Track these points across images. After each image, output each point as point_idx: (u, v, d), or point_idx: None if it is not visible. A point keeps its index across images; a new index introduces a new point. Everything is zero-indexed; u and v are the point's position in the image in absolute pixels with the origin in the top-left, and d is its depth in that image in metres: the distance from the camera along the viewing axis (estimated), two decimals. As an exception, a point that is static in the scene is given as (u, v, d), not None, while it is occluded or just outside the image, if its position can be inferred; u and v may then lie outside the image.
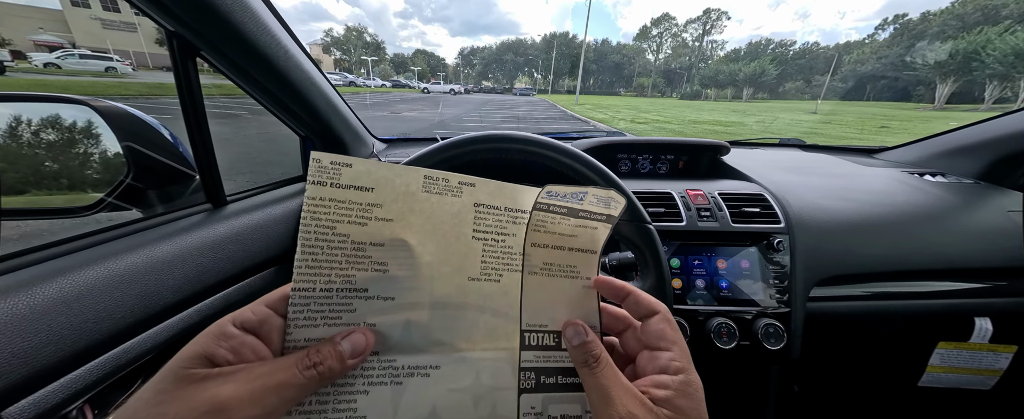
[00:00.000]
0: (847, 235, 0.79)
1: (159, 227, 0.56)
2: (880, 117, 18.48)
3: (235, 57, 0.55)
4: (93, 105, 0.57)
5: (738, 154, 1.13)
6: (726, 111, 23.38)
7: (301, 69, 0.67)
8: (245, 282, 0.65)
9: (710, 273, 0.77)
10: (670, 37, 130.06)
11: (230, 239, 0.62)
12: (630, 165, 1.13)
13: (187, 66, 0.53)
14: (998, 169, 0.98)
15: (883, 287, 0.79)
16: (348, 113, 0.93)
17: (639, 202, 0.51)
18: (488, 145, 0.52)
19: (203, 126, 0.58)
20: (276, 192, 0.82)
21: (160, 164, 0.65)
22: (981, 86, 39.24)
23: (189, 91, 0.55)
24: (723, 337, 0.72)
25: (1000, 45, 35.82)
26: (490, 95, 54.35)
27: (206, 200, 0.65)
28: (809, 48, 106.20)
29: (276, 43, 0.58)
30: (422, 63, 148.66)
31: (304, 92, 0.70)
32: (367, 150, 1.10)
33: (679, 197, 0.83)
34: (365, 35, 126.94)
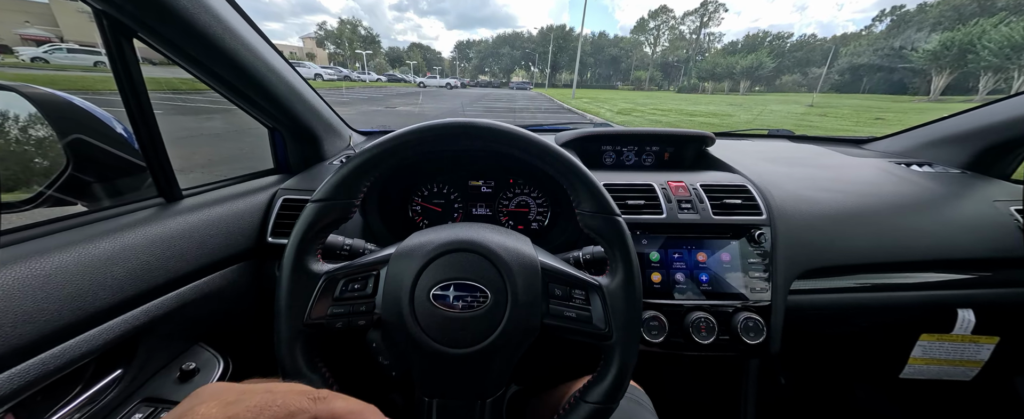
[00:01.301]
0: (830, 226, 0.77)
1: (99, 223, 0.53)
2: (875, 109, 18.52)
3: (176, 39, 0.52)
4: (24, 92, 0.53)
5: (726, 145, 1.11)
6: (722, 104, 23.33)
7: (256, 55, 0.63)
8: (202, 281, 0.62)
9: (690, 266, 0.75)
10: (668, 30, 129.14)
11: (183, 235, 0.59)
12: (614, 157, 1.10)
13: (123, 49, 0.50)
14: (984, 158, 0.96)
15: (866, 279, 0.77)
16: (319, 104, 0.90)
17: (608, 193, 0.48)
18: (438, 143, 0.47)
19: (148, 114, 0.55)
20: (240, 186, 0.79)
21: (106, 156, 0.61)
22: (976, 78, 39.37)
23: (127, 76, 0.51)
24: (702, 332, 0.70)
25: (995, 37, 35.89)
26: (487, 89, 53.96)
27: (157, 194, 0.62)
28: (806, 40, 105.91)
29: (221, 24, 0.54)
30: (418, 57, 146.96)
31: (262, 80, 0.67)
32: (343, 143, 1.06)
33: (660, 189, 0.81)
34: (359, 28, 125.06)
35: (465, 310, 0.44)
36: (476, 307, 0.44)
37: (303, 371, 0.44)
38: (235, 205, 0.71)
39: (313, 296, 0.45)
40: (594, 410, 0.45)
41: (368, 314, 0.46)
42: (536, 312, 0.46)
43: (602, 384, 0.46)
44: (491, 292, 0.44)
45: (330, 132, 0.97)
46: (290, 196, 0.78)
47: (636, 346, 0.46)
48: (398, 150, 0.47)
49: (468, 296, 0.44)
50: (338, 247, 0.60)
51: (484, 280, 0.45)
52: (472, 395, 0.46)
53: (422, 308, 0.44)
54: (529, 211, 0.95)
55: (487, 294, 0.44)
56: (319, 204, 0.46)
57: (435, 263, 0.46)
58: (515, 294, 0.44)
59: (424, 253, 0.46)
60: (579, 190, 0.48)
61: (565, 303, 0.47)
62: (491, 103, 17.36)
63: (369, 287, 0.47)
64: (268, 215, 0.76)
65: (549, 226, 0.94)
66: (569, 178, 0.48)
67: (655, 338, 0.70)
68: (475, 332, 0.44)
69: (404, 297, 0.44)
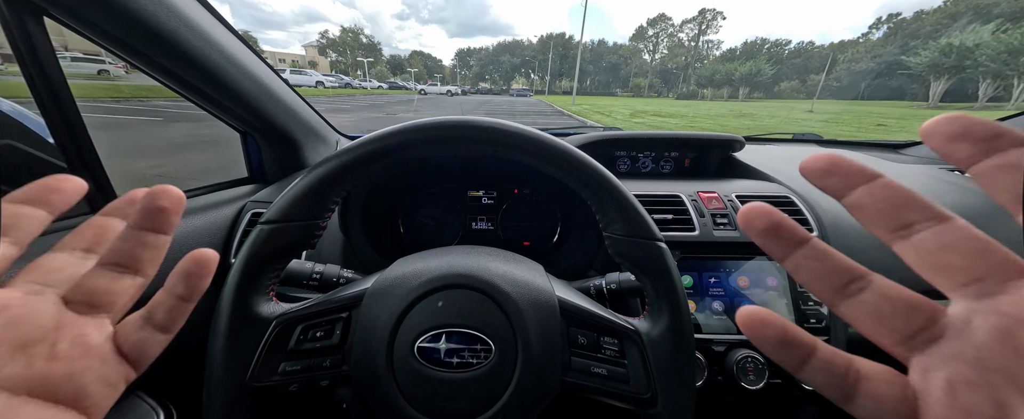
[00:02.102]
0: None
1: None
2: (876, 115, 18.51)
3: (101, 22, 0.41)
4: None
5: (750, 150, 0.99)
6: (723, 110, 23.36)
7: (210, 43, 0.52)
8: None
9: (730, 293, 0.64)
10: (666, 37, 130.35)
11: None
12: (629, 164, 0.99)
13: (27, 30, 0.39)
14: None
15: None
16: (298, 104, 0.79)
17: (646, 212, 0.37)
18: (430, 146, 0.36)
19: (70, 112, 0.44)
20: (201, 199, 0.67)
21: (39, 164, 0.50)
22: (974, 84, 39.48)
23: (37, 65, 0.40)
24: (749, 374, 0.58)
25: (992, 43, 36.10)
26: (487, 96, 54.29)
27: (88, 210, 0.51)
28: (804, 47, 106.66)
29: (161, 6, 0.43)
30: (419, 65, 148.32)
31: (219, 74, 0.56)
32: (328, 148, 0.95)
33: (689, 201, 0.69)
34: (361, 37, 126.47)
35: (461, 369, 0.33)
36: (476, 365, 0.33)
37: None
38: (194, 221, 0.60)
39: (259, 349, 0.34)
40: None
41: (333, 370, 0.35)
42: (554, 368, 0.34)
43: None
44: (496, 344, 0.33)
45: (311, 136, 0.86)
46: (259, 209, 0.67)
47: (691, 415, 0.35)
48: (375, 158, 0.36)
49: (465, 350, 0.33)
50: (306, 276, 0.48)
51: (486, 327, 0.34)
52: None
53: (403, 365, 0.33)
54: (537, 226, 0.84)
55: (491, 347, 0.33)
56: (272, 226, 0.35)
57: (422, 304, 0.35)
58: (528, 347, 0.33)
59: (408, 290, 0.35)
60: (609, 207, 0.37)
61: (592, 355, 0.36)
62: (492, 109, 17.36)
63: (336, 335, 0.36)
64: (233, 232, 0.65)
65: (559, 242, 0.83)
66: (597, 192, 0.37)
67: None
68: (474, 399, 0.33)
69: (380, 349, 0.33)
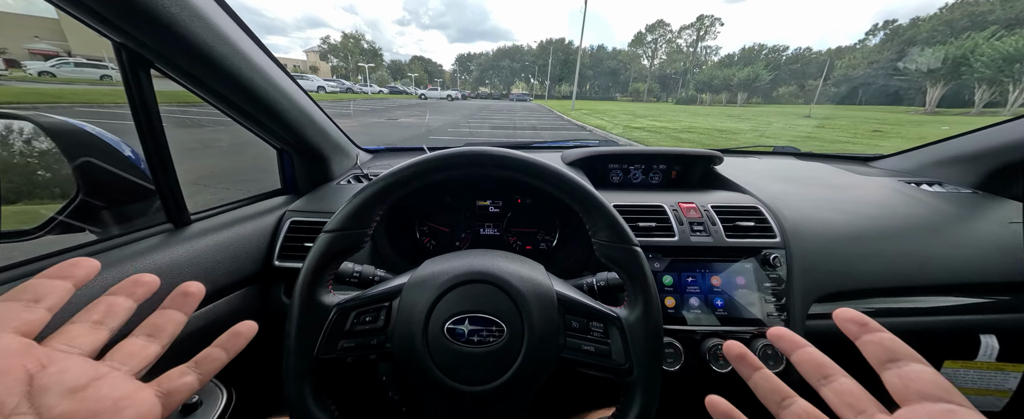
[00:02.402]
0: (846, 249, 0.75)
1: (113, 250, 0.52)
2: (873, 121, 18.68)
3: (191, 69, 0.52)
4: (38, 121, 0.53)
5: (732, 163, 1.10)
6: (721, 116, 23.57)
7: (269, 80, 0.63)
8: (209, 307, 0.61)
9: (705, 290, 0.74)
10: (665, 43, 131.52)
11: (191, 262, 0.58)
12: (621, 175, 1.10)
13: (139, 78, 0.50)
14: (996, 179, 0.95)
15: (885, 303, 0.76)
16: (327, 124, 0.90)
17: (624, 221, 0.47)
18: (454, 171, 0.47)
19: (160, 141, 0.55)
20: (247, 208, 0.78)
21: (116, 181, 0.61)
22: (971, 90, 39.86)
23: (143, 105, 0.51)
24: (719, 359, 0.68)
25: (987, 50, 36.49)
26: (487, 101, 54.59)
27: (167, 219, 0.61)
28: (802, 53, 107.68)
29: (237, 54, 0.54)
30: (419, 69, 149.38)
31: (274, 105, 0.67)
32: (350, 162, 1.06)
33: (671, 210, 0.80)
34: (362, 42, 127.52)
35: (480, 345, 0.42)
36: (491, 342, 0.42)
37: (310, 410, 0.42)
38: (242, 229, 0.70)
39: (323, 330, 0.44)
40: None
41: (379, 348, 0.45)
42: (553, 346, 0.44)
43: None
44: (507, 326, 0.43)
45: (337, 152, 0.97)
46: (298, 218, 0.78)
47: (658, 383, 0.45)
48: (413, 179, 0.46)
49: (483, 330, 0.43)
50: (348, 274, 0.59)
51: (500, 313, 0.43)
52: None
53: (436, 343, 0.43)
54: (537, 231, 0.94)
55: (503, 328, 0.43)
56: (333, 234, 0.45)
57: (449, 295, 0.45)
58: (531, 328, 0.43)
59: (437, 284, 0.45)
60: (596, 219, 0.47)
61: (583, 336, 0.46)
62: (491, 114, 17.53)
63: (381, 319, 0.46)
64: (275, 238, 0.75)
65: (558, 247, 0.93)
66: (585, 206, 0.47)
67: (671, 366, 0.68)
68: (491, 368, 0.42)
69: (417, 331, 0.43)
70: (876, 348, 0.26)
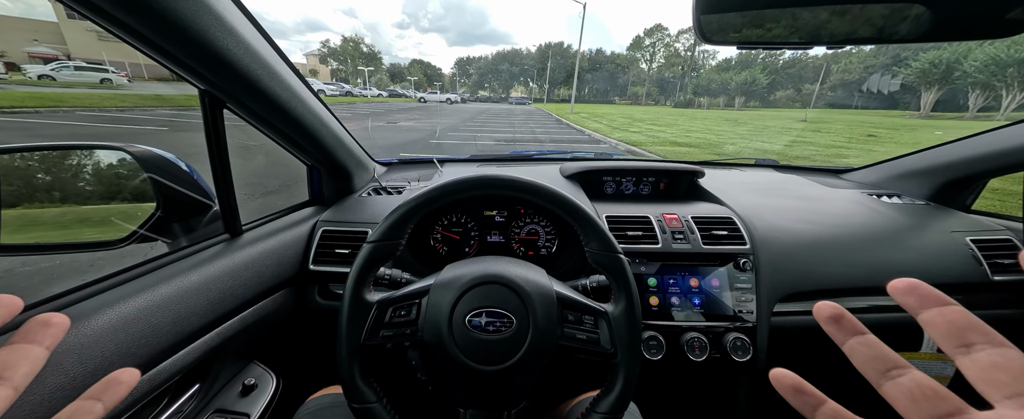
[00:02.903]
0: (808, 255, 0.87)
1: (186, 258, 0.63)
2: (868, 125, 18.91)
3: (254, 106, 0.63)
4: (128, 150, 0.64)
5: (716, 175, 1.22)
6: (718, 120, 23.77)
7: (311, 111, 0.74)
8: (259, 305, 0.71)
9: (685, 290, 0.85)
10: (663, 47, 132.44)
11: (246, 266, 0.69)
12: (615, 187, 1.21)
13: (216, 117, 0.61)
14: (945, 192, 1.07)
15: (843, 302, 0.87)
16: (352, 143, 1.01)
17: (610, 233, 0.58)
18: (475, 192, 0.58)
19: (226, 167, 0.66)
20: (286, 218, 0.89)
21: (182, 197, 0.72)
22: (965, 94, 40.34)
23: (216, 137, 0.62)
24: (695, 350, 0.79)
25: (979, 55, 36.98)
26: (486, 104, 54.77)
27: (224, 230, 0.72)
28: (798, 58, 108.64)
29: (288, 90, 0.65)
30: (418, 73, 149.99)
31: (313, 130, 0.78)
32: (369, 175, 1.17)
33: (656, 221, 0.91)
34: (362, 45, 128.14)
35: (494, 334, 0.53)
36: (503, 331, 0.53)
37: (359, 385, 0.53)
38: (284, 237, 0.81)
39: (368, 321, 0.55)
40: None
41: (412, 336, 0.55)
42: (553, 335, 0.55)
43: (610, 397, 0.54)
44: (516, 319, 0.54)
45: (359, 167, 1.08)
46: (329, 227, 0.88)
47: (638, 364, 0.55)
48: (440, 198, 0.58)
49: (497, 322, 0.53)
50: (380, 277, 0.70)
51: (510, 308, 0.54)
52: (499, 406, 0.55)
53: (459, 332, 0.53)
54: (539, 238, 1.05)
55: (512, 320, 0.53)
56: (375, 244, 0.56)
57: (469, 293, 0.55)
58: (535, 320, 0.54)
59: (460, 285, 0.56)
60: (589, 232, 0.58)
61: (577, 327, 0.56)
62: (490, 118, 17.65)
63: (413, 313, 0.56)
64: (310, 245, 0.86)
65: (557, 253, 1.04)
66: (579, 221, 0.58)
67: (654, 356, 0.79)
68: (503, 352, 0.53)
69: (444, 322, 0.54)
70: (944, 326, 0.21)
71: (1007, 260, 0.87)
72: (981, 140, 0.98)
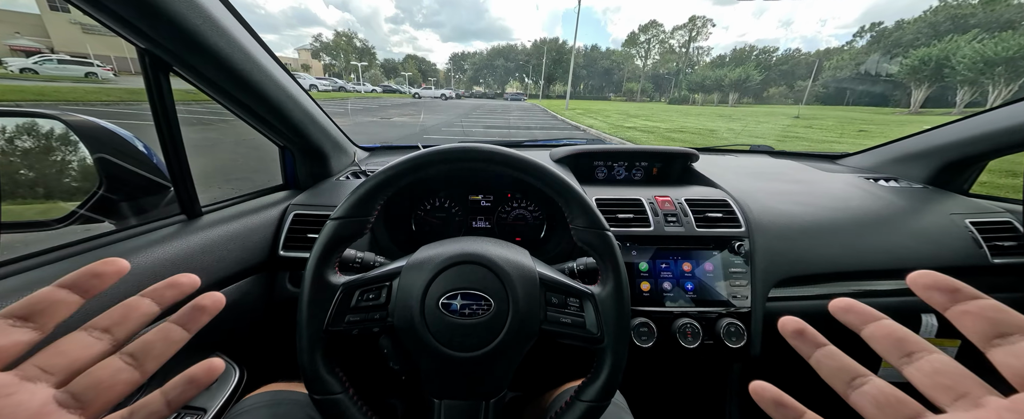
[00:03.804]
0: (804, 238, 0.83)
1: (132, 239, 0.57)
2: (859, 121, 19.11)
3: (207, 72, 0.57)
4: (65, 120, 0.58)
5: (710, 161, 1.18)
6: (712, 116, 23.89)
7: (276, 83, 0.69)
8: (224, 291, 0.66)
9: (677, 275, 0.81)
10: (658, 43, 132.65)
11: (205, 250, 0.63)
12: (606, 172, 1.17)
13: (160, 81, 0.55)
14: (943, 175, 1.04)
15: (838, 287, 0.84)
16: (327, 124, 0.95)
17: (598, 209, 0.54)
18: (446, 165, 0.53)
19: (176, 138, 0.60)
20: (253, 202, 0.83)
21: (133, 176, 0.66)
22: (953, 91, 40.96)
23: (162, 105, 0.56)
24: (688, 337, 0.75)
25: (968, 52, 37.53)
26: (481, 100, 54.52)
27: (180, 211, 0.66)
28: (791, 54, 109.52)
29: (248, 59, 0.60)
30: (413, 68, 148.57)
31: (280, 105, 0.72)
32: (348, 159, 1.11)
33: (647, 203, 0.87)
34: (355, 40, 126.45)
35: (471, 317, 0.48)
36: (481, 314, 0.48)
37: (322, 374, 0.48)
38: (250, 220, 0.76)
39: (332, 306, 0.50)
40: (588, 408, 0.50)
41: (381, 322, 0.51)
42: (535, 319, 0.50)
43: (595, 384, 0.50)
44: (494, 301, 0.49)
45: (336, 149, 1.02)
46: (301, 211, 0.83)
47: (626, 349, 0.51)
48: (411, 172, 0.53)
49: (474, 304, 0.49)
50: (351, 260, 0.64)
51: (488, 290, 0.50)
52: (477, 396, 0.50)
53: (432, 315, 0.49)
54: (526, 223, 1.01)
55: (491, 303, 0.49)
56: (339, 221, 0.51)
57: (443, 274, 0.50)
58: (516, 302, 0.49)
59: (433, 265, 0.51)
60: (573, 207, 0.54)
61: (561, 310, 0.52)
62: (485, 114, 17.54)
63: (382, 297, 0.51)
64: (280, 229, 0.81)
65: (545, 238, 0.99)
66: (564, 196, 0.54)
67: (645, 343, 0.75)
68: (480, 337, 0.48)
69: (415, 305, 0.49)
70: (976, 320, 0.21)
71: (1007, 242, 0.84)
72: (978, 121, 0.96)
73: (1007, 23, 72.59)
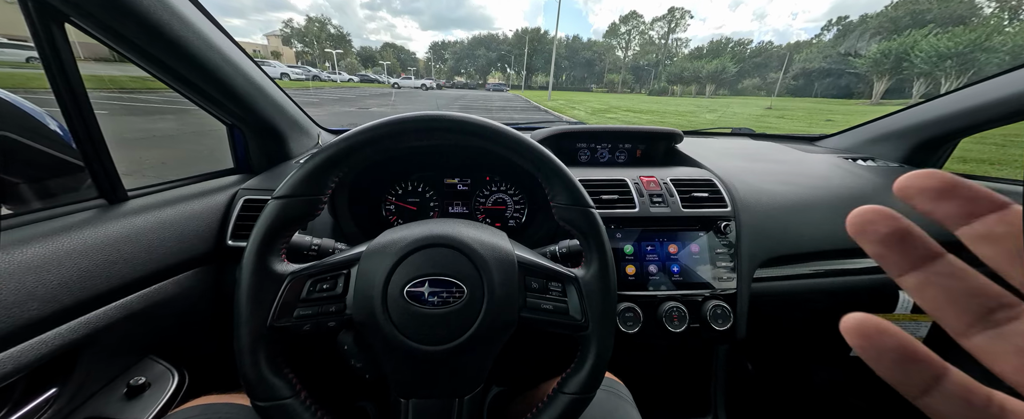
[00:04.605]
0: (788, 217, 0.82)
1: (29, 226, 0.48)
2: (826, 112, 20.01)
3: (113, 24, 0.47)
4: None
5: (693, 143, 1.15)
6: (690, 106, 24.42)
7: (209, 44, 0.59)
8: (152, 288, 0.57)
9: (663, 258, 0.78)
10: (638, 35, 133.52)
11: (128, 239, 0.54)
12: (589, 154, 1.12)
13: (52, 34, 0.45)
14: (918, 153, 1.06)
15: (820, 266, 0.83)
16: (283, 99, 0.85)
17: (582, 186, 0.49)
18: (410, 135, 0.46)
19: (85, 109, 0.50)
20: (195, 186, 0.73)
21: (40, 156, 0.55)
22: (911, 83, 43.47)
23: (59, 66, 0.46)
24: (674, 320, 0.72)
25: (924, 47, 39.81)
26: (463, 90, 53.53)
27: (98, 194, 0.56)
28: (764, 47, 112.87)
29: (167, 10, 0.50)
30: (391, 57, 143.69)
31: (216, 71, 0.62)
32: (311, 141, 1.02)
33: (632, 183, 0.83)
34: (329, 27, 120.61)
35: (440, 306, 0.43)
36: (452, 303, 0.43)
37: (267, 377, 0.41)
38: (189, 206, 0.66)
39: (277, 298, 0.43)
40: (572, 401, 0.45)
41: (338, 315, 0.44)
42: (513, 306, 0.45)
43: (579, 375, 0.46)
44: (467, 287, 0.44)
45: (296, 129, 0.92)
46: (252, 196, 0.74)
47: (611, 335, 0.47)
48: (368, 144, 0.46)
49: (443, 292, 0.43)
50: (305, 247, 0.57)
51: (460, 275, 0.44)
52: (449, 393, 0.45)
53: (395, 306, 0.43)
54: (506, 208, 0.95)
55: (463, 289, 0.44)
56: (282, 201, 0.43)
57: (409, 259, 0.45)
58: (492, 288, 0.44)
59: (397, 249, 0.45)
60: (554, 183, 0.48)
61: (542, 296, 0.47)
62: (467, 104, 17.22)
63: (339, 287, 0.45)
64: (228, 217, 0.72)
65: (527, 223, 0.94)
66: (544, 171, 0.48)
67: (631, 329, 0.72)
68: (451, 328, 0.43)
69: (376, 295, 0.43)
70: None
71: (978, 218, 0.86)
72: (948, 100, 0.97)
73: (959, 19, 77.32)
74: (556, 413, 0.45)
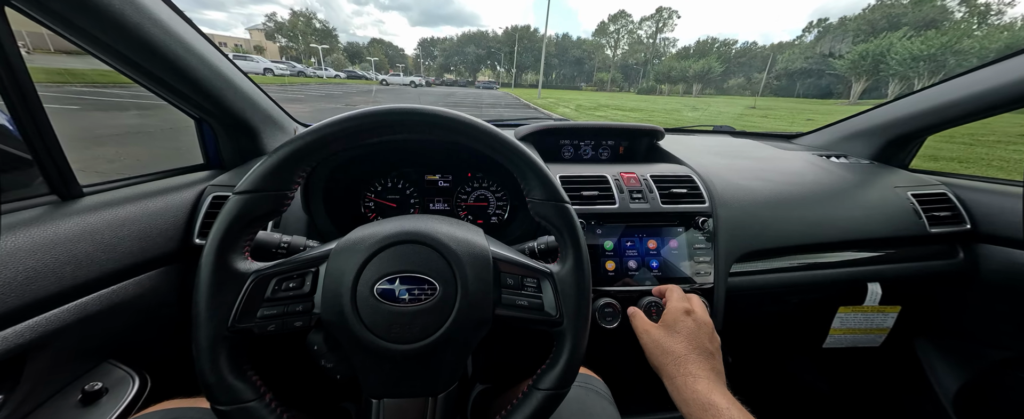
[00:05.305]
0: (764, 212, 0.83)
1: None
2: (807, 111, 20.62)
3: (61, 9, 0.44)
4: None
5: (675, 140, 1.16)
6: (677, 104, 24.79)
7: (167, 32, 0.56)
8: (110, 289, 0.54)
9: (642, 254, 0.78)
10: (627, 34, 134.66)
11: (82, 237, 0.51)
12: (573, 151, 1.12)
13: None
14: (887, 150, 1.09)
15: (795, 260, 0.85)
16: (255, 92, 0.82)
17: (557, 181, 0.48)
18: (383, 129, 0.45)
19: (30, 98, 0.47)
20: (158, 183, 0.70)
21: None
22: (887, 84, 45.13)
23: (3, 55, 0.43)
24: (653, 315, 0.73)
25: (899, 49, 41.36)
26: (452, 88, 53.06)
27: (49, 191, 0.53)
28: (749, 47, 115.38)
29: (133, 6, 0.47)
30: (379, 53, 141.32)
31: (177, 61, 0.59)
32: (286, 136, 0.98)
33: (613, 180, 0.83)
34: (314, 21, 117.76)
35: (412, 303, 0.42)
36: (424, 300, 0.42)
37: (228, 381, 0.40)
38: (152, 203, 0.63)
39: (239, 298, 0.41)
40: (546, 397, 0.45)
41: (305, 314, 0.43)
42: (487, 302, 0.45)
43: (553, 370, 0.46)
44: (440, 284, 0.43)
45: (269, 124, 0.89)
46: (220, 193, 0.71)
47: (586, 330, 0.47)
48: (336, 137, 0.44)
49: (416, 289, 0.42)
50: (274, 245, 0.55)
51: (432, 272, 0.43)
52: (422, 392, 0.44)
53: (365, 304, 0.42)
54: (488, 205, 0.94)
55: (436, 286, 0.43)
56: (244, 196, 0.42)
57: (379, 256, 0.43)
58: (465, 285, 0.43)
59: (367, 246, 0.44)
60: (529, 178, 0.48)
61: (517, 292, 0.47)
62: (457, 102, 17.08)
63: (306, 285, 0.44)
64: (195, 214, 0.69)
65: (508, 220, 0.94)
66: (518, 166, 0.48)
67: (610, 324, 0.72)
68: (423, 326, 0.42)
69: (345, 293, 0.42)
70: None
71: (942, 213, 0.89)
72: (917, 98, 1.00)
73: (931, 22, 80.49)
74: (530, 410, 0.45)
